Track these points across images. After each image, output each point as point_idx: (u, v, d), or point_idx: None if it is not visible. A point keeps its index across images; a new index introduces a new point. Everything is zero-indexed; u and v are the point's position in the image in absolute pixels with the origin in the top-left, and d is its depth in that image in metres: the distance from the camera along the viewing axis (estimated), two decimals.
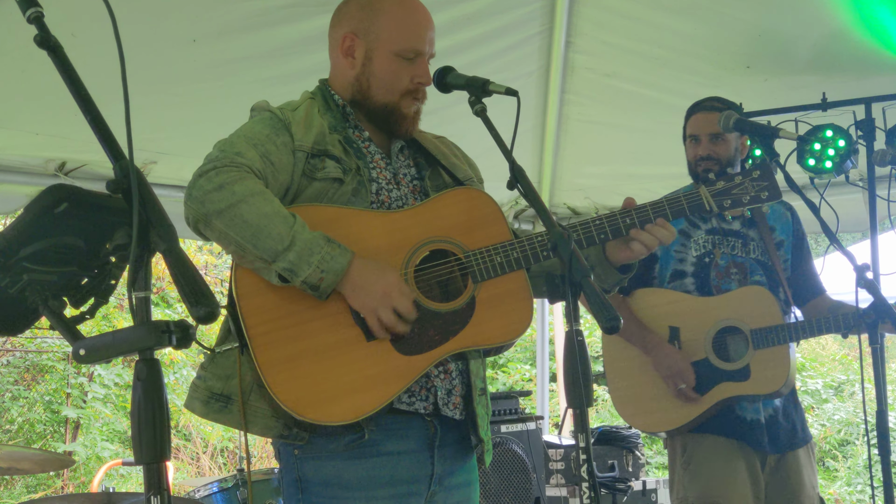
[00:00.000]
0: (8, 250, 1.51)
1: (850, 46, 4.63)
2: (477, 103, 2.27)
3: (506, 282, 2.27)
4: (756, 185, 2.41)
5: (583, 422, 1.92)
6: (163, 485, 1.40)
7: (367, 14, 2.39)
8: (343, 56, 2.42)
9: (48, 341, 10.41)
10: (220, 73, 4.53)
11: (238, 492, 4.19)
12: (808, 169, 4.41)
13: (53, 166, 4.66)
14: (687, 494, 3.42)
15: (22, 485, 9.62)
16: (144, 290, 1.41)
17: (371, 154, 2.41)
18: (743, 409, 3.38)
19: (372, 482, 2.26)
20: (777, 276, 3.47)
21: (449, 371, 2.34)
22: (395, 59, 2.37)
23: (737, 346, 3.35)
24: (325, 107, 2.42)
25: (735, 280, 3.46)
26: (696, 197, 2.40)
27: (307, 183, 2.29)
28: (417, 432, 2.32)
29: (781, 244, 3.56)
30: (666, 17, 4.85)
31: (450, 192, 2.37)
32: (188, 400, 2.32)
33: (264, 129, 2.30)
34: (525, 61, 5.29)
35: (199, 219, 2.15)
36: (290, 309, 2.18)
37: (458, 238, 2.29)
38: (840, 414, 12.16)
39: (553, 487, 5.46)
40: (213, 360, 2.30)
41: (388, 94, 2.38)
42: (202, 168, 2.19)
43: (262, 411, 2.23)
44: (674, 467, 3.50)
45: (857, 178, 4.92)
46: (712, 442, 3.39)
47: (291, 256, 2.11)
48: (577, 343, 1.93)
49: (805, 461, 3.45)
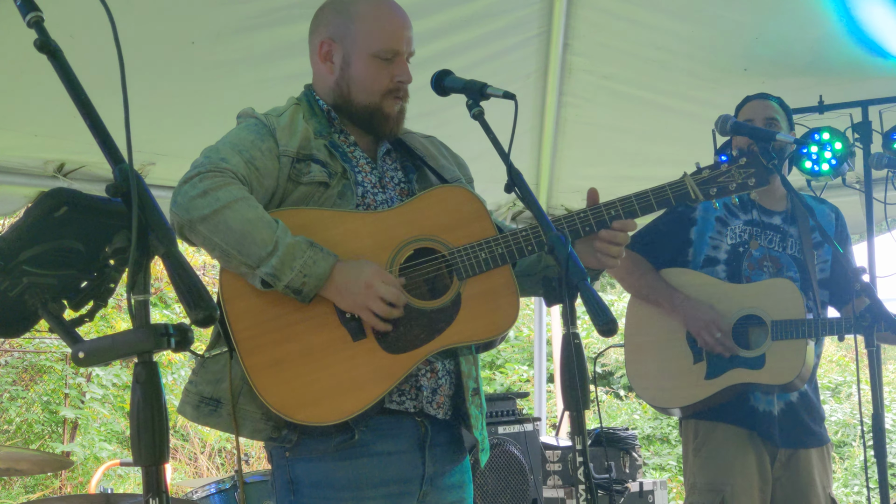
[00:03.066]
0: (8, 254, 1.52)
1: (847, 49, 4.63)
2: (475, 107, 2.28)
3: (491, 278, 2.28)
4: (743, 172, 2.40)
5: (579, 425, 1.93)
6: (161, 487, 1.40)
7: (342, 19, 2.42)
8: (322, 61, 2.45)
9: (46, 342, 10.40)
10: (218, 74, 4.53)
11: (236, 493, 4.18)
12: (805, 172, 4.42)
13: (52, 167, 4.66)
14: (696, 480, 3.46)
15: (20, 485, 9.61)
16: (143, 294, 1.41)
17: (356, 158, 2.42)
18: (757, 399, 3.40)
19: (362, 483, 2.27)
20: (810, 275, 3.48)
21: (435, 370, 2.35)
22: (372, 60, 2.38)
23: (756, 335, 3.37)
24: (311, 112, 2.43)
25: (767, 273, 3.48)
26: (681, 186, 2.39)
27: (293, 187, 2.31)
28: (408, 432, 2.33)
29: (821, 245, 3.57)
30: (664, 20, 4.86)
31: (432, 191, 2.38)
32: (180, 405, 2.33)
33: (249, 135, 2.32)
34: (523, 63, 5.29)
35: (184, 224, 2.17)
36: (275, 312, 2.20)
37: (442, 236, 2.30)
38: (837, 415, 12.17)
39: (550, 489, 5.47)
40: (203, 364, 2.31)
41: (368, 96, 2.40)
42: (187, 174, 2.21)
43: (251, 414, 2.25)
44: (686, 452, 3.54)
45: (853, 181, 4.93)
46: (724, 430, 3.42)
47: (274, 262, 2.13)
48: (574, 346, 1.94)
49: (818, 462, 3.45)
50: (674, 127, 5.44)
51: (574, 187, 6.20)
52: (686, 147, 5.42)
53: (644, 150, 5.74)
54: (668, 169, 5.83)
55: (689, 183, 2.40)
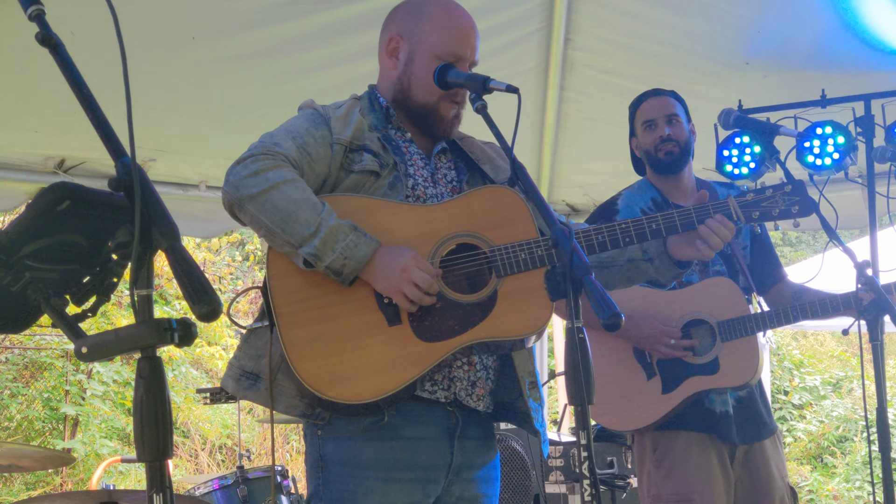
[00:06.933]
0: (10, 248, 1.51)
1: (850, 43, 4.63)
2: (477, 100, 2.30)
3: (528, 278, 2.33)
4: (787, 200, 2.45)
5: (584, 419, 1.92)
6: (165, 482, 1.40)
7: (412, 17, 2.49)
8: (388, 56, 2.52)
9: (47, 338, 10.41)
10: (219, 70, 4.53)
11: (238, 489, 4.19)
12: (808, 166, 4.41)
13: (53, 164, 4.67)
14: (661, 492, 3.37)
15: (21, 482, 9.62)
16: (146, 288, 1.41)
17: (410, 153, 2.49)
18: (712, 401, 3.35)
19: (390, 464, 2.33)
20: (737, 263, 3.45)
21: (473, 363, 2.39)
22: (436, 61, 2.44)
23: (704, 340, 3.32)
24: (370, 108, 2.51)
25: (695, 271, 3.43)
26: (724, 207, 2.46)
27: (345, 175, 2.38)
28: (438, 420, 2.38)
29: (739, 231, 3.53)
30: (665, 14, 4.85)
31: (480, 190, 2.43)
32: (224, 378, 2.44)
33: (304, 123, 2.41)
34: (524, 58, 5.28)
35: (234, 203, 2.27)
36: (317, 292, 2.28)
37: (485, 233, 2.36)
38: (838, 410, 12.20)
39: (552, 484, 5.47)
40: (247, 339, 2.41)
41: (427, 95, 2.46)
42: (241, 156, 2.30)
43: (287, 390, 2.32)
44: (643, 466, 3.45)
45: (856, 175, 4.92)
46: (685, 438, 3.35)
47: (317, 242, 2.20)
48: (579, 340, 1.93)
49: (772, 451, 3.42)
50: None
51: (575, 182, 6.19)
52: None
53: None
54: None
55: (732, 205, 2.47)
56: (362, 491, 2.32)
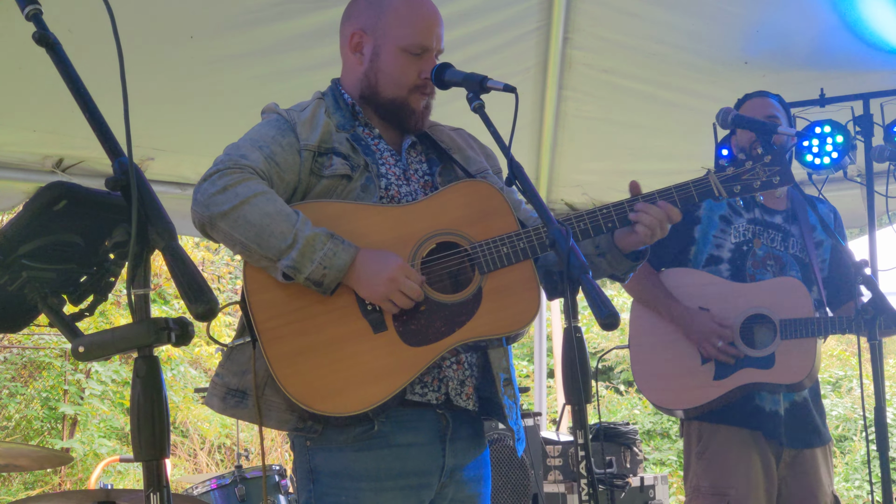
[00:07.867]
0: (7, 248, 1.51)
1: (849, 42, 4.63)
2: (475, 100, 2.28)
3: (513, 272, 2.29)
4: (767, 171, 2.40)
5: (581, 418, 1.92)
6: (162, 482, 1.40)
7: (374, 11, 2.43)
8: (352, 52, 2.46)
9: (45, 338, 10.40)
10: (217, 69, 4.52)
11: (236, 489, 4.19)
12: (806, 165, 4.40)
13: (50, 163, 4.66)
14: (700, 483, 3.43)
15: (19, 482, 9.61)
16: (144, 288, 1.41)
17: (380, 151, 2.43)
18: (762, 398, 3.38)
19: (381, 474, 2.28)
20: (813, 274, 3.47)
21: (461, 362, 2.36)
22: (401, 54, 2.39)
23: (764, 335, 3.35)
24: (335, 106, 2.45)
25: (770, 272, 3.46)
26: (705, 183, 2.40)
27: (315, 181, 2.32)
28: (429, 425, 2.34)
29: (821, 244, 3.56)
30: (664, 13, 4.85)
31: (456, 185, 2.38)
32: (207, 397, 2.36)
33: (270, 130, 2.34)
34: (522, 57, 5.28)
35: (205, 222, 2.20)
36: (298, 304, 2.22)
37: (465, 230, 2.31)
38: (837, 410, 12.18)
39: (551, 484, 5.47)
40: (229, 356, 2.34)
41: (395, 89, 2.41)
42: (207, 172, 2.23)
43: (276, 405, 2.26)
44: (689, 455, 3.52)
45: (854, 174, 4.92)
46: (727, 432, 3.39)
47: (294, 254, 2.15)
48: (576, 339, 1.93)
49: (822, 461, 3.44)
50: (674, 121, 5.43)
51: (574, 181, 6.19)
52: (686, 141, 5.43)
53: (644, 144, 5.73)
54: (669, 163, 5.83)
55: (713, 180, 2.41)
56: (355, 503, 2.28)
